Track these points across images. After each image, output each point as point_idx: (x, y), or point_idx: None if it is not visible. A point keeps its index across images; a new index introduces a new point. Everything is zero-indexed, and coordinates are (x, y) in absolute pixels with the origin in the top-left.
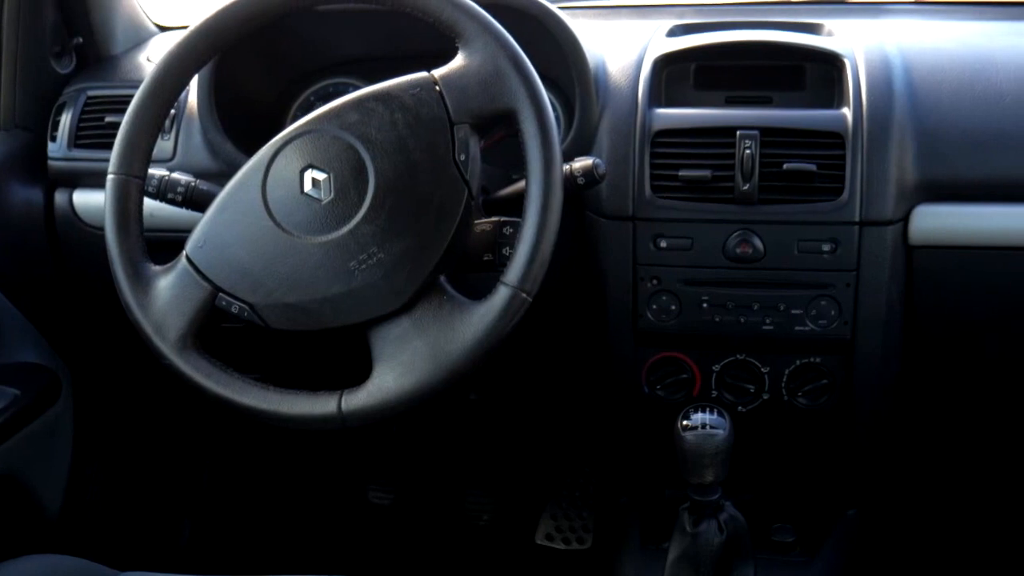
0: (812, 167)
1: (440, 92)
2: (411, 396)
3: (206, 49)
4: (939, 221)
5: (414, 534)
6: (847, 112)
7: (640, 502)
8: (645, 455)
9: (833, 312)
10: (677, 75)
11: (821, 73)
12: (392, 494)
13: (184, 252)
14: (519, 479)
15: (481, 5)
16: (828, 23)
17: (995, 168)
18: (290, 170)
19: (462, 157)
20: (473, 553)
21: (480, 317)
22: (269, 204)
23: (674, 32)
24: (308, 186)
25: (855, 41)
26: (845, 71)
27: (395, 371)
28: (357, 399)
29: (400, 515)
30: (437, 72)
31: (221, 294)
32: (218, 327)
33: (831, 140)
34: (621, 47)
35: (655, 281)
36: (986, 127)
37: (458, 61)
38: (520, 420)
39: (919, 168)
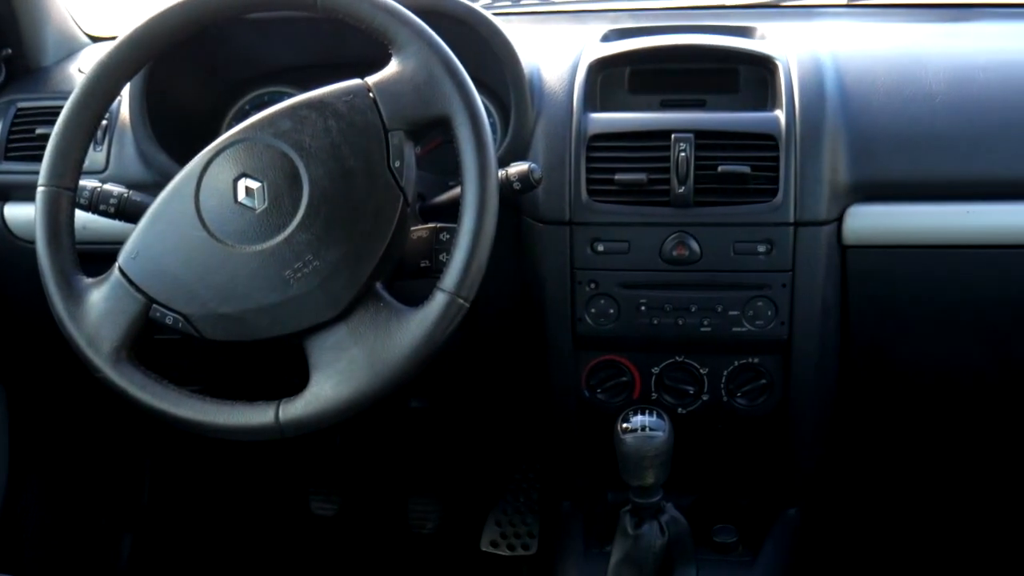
0: (746, 169)
1: (374, 99)
2: (349, 404)
3: (136, 58)
4: (872, 221)
5: (358, 544)
6: (780, 114)
7: (583, 506)
8: (587, 459)
9: (770, 312)
10: (612, 79)
11: (754, 76)
12: (335, 504)
13: (117, 264)
14: (463, 486)
15: (414, 11)
16: (761, 26)
17: (926, 168)
18: (223, 179)
19: (397, 164)
20: (418, 562)
21: (417, 324)
22: (202, 214)
23: (608, 37)
24: (242, 195)
25: (787, 44)
26: (778, 74)
27: (332, 379)
28: (294, 408)
29: (344, 525)
30: (371, 79)
31: (155, 305)
32: (155, 339)
33: (765, 142)
34: (556, 52)
35: (593, 285)
36: (917, 128)
37: (391, 68)
38: (463, 426)
39: (852, 169)
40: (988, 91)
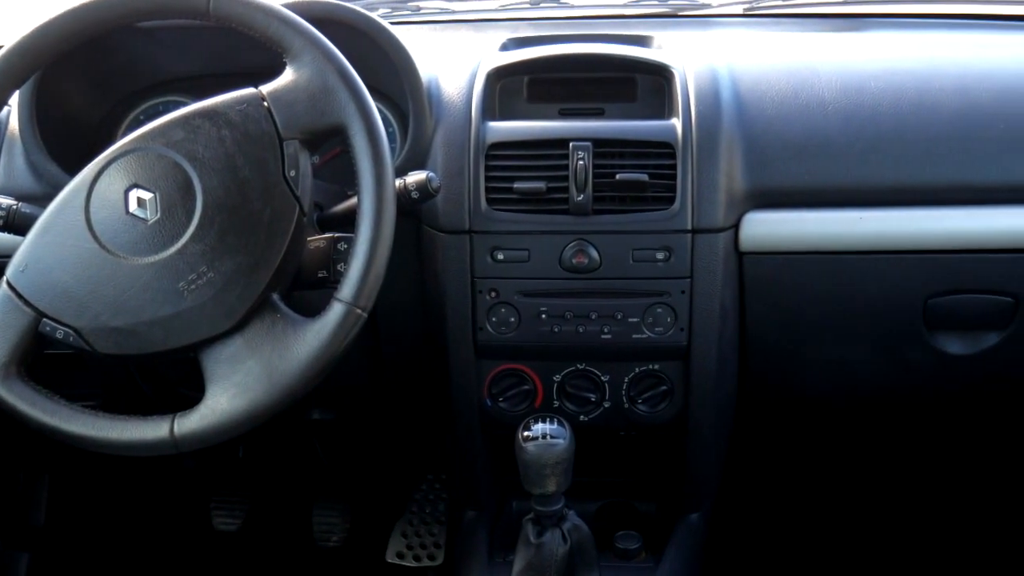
0: (644, 177)
1: (268, 108)
2: (246, 417)
3: (24, 67)
4: (767, 228)
5: (262, 559)
6: (677, 122)
7: (487, 515)
8: (490, 468)
9: (669, 319)
10: (511, 88)
11: (651, 84)
12: (239, 519)
13: (5, 277)
14: (369, 497)
15: (309, 20)
16: (658, 35)
17: (819, 175)
18: (114, 190)
19: (292, 173)
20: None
21: (314, 334)
22: (93, 225)
23: (507, 46)
24: (133, 206)
25: (684, 53)
26: (674, 82)
27: (228, 392)
28: (190, 422)
29: (247, 540)
30: (265, 88)
31: (45, 319)
32: (47, 354)
33: (662, 150)
34: (454, 61)
35: (493, 293)
36: (810, 135)
37: (286, 76)
38: (368, 438)
39: (747, 176)
40: (879, 99)
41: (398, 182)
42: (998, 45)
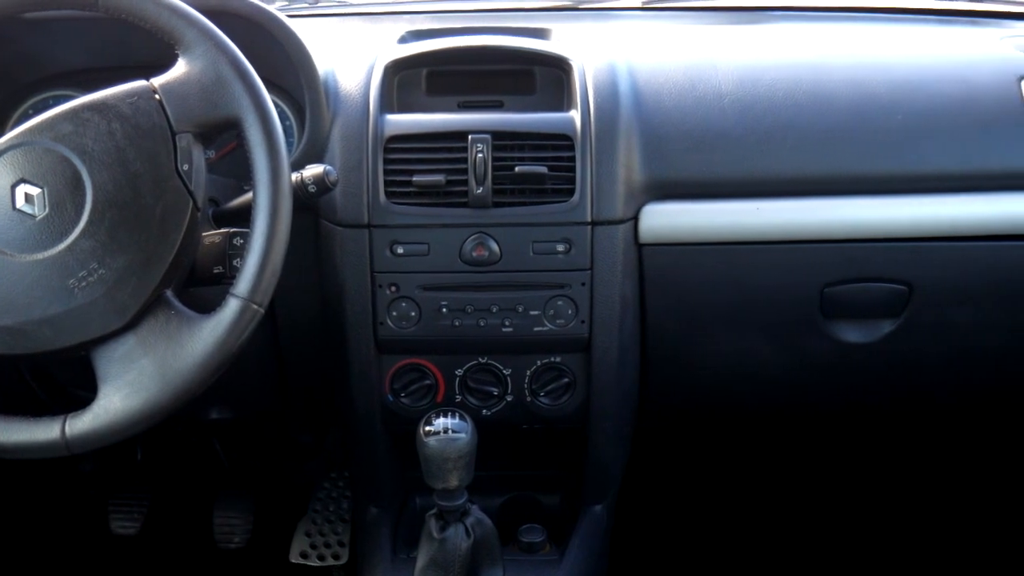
0: (543, 169)
1: (160, 100)
2: (140, 417)
3: None
4: (666, 219)
5: (162, 564)
6: (575, 115)
7: (390, 512)
8: (393, 464)
9: (570, 311)
10: (409, 81)
11: (550, 77)
12: (138, 522)
13: None
14: (271, 497)
15: (202, 11)
16: (557, 28)
17: (716, 166)
18: (0, 185)
19: (185, 167)
20: None
21: (210, 331)
22: None
23: (405, 38)
24: (20, 202)
25: (582, 45)
26: (572, 75)
27: (121, 392)
28: (82, 423)
29: (146, 544)
30: (156, 80)
31: None
32: None
33: (560, 142)
34: (352, 54)
35: (393, 288)
36: (707, 127)
37: (179, 69)
38: (267, 436)
39: (645, 168)
40: (774, 90)
41: (295, 176)
42: (894, 37)
